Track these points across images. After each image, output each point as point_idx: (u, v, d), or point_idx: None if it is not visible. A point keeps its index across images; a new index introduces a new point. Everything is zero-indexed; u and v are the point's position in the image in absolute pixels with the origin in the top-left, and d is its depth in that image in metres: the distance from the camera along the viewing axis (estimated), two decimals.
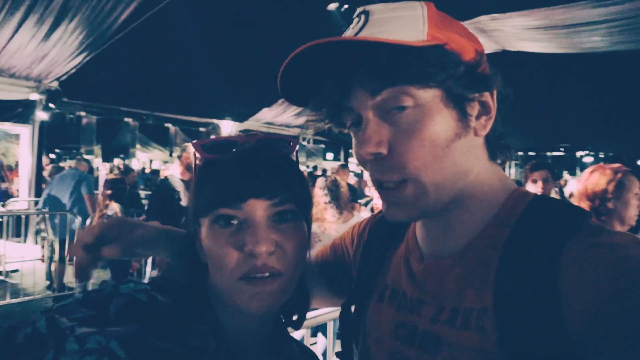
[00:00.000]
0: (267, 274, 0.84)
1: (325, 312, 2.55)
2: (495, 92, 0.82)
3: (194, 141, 0.94)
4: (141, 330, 0.77)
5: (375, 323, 0.93)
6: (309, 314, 1.07)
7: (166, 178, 5.13)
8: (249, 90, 10.93)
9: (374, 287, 0.98)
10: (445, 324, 0.78)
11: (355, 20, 0.81)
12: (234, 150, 0.92)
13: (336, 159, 20.99)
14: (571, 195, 9.86)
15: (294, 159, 0.99)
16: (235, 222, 0.87)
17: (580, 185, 2.80)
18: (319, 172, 13.96)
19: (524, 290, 0.70)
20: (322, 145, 18.63)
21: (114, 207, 6.34)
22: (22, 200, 8.85)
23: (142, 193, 10.77)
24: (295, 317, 1.04)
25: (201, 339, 0.84)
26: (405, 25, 0.76)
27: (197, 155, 0.94)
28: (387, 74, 0.75)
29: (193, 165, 0.97)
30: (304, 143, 17.23)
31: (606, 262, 0.64)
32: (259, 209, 0.86)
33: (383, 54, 0.74)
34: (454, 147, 0.78)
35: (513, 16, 7.26)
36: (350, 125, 0.85)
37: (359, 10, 0.83)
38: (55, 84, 8.78)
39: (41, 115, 8.85)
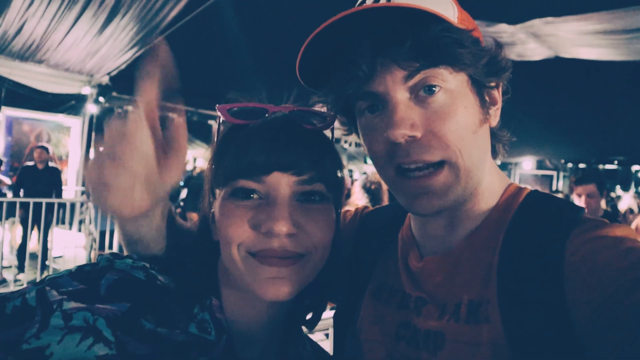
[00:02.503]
0: (285, 257, 0.75)
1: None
2: (501, 85, 0.84)
3: (219, 104, 0.85)
4: (133, 310, 0.70)
5: (372, 322, 0.89)
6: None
7: (204, 171, 5.22)
8: (292, 90, 10.95)
9: (367, 284, 0.94)
10: (450, 319, 0.77)
11: None
12: (264, 117, 0.83)
13: None
14: (630, 211, 9.31)
15: (330, 136, 0.91)
16: (255, 196, 0.78)
17: None
18: (357, 177, 13.82)
19: (527, 281, 0.70)
20: (363, 149, 18.46)
21: None
22: (70, 189, 9.22)
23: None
24: (309, 316, 0.96)
25: (200, 327, 0.77)
26: (439, 5, 0.74)
27: (222, 119, 0.86)
28: (430, 51, 0.71)
29: (216, 131, 0.88)
30: (346, 146, 17.14)
31: (613, 254, 0.65)
32: (283, 184, 0.77)
33: (430, 27, 0.70)
34: (479, 133, 0.78)
35: (569, 20, 6.89)
36: (365, 110, 0.81)
37: None
38: (106, 79, 9.11)
39: (91, 108, 9.21)
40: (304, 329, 1.00)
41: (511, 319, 0.69)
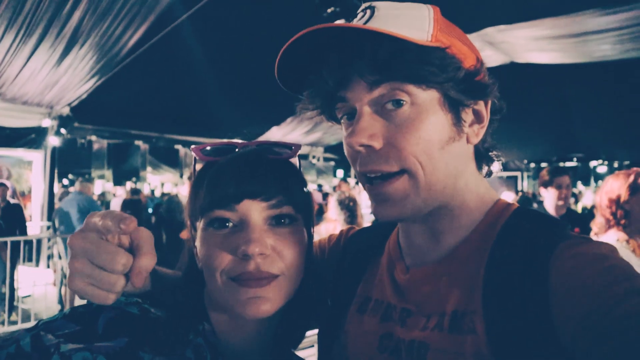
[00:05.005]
0: (262, 278, 0.81)
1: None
2: (489, 103, 0.84)
3: (194, 146, 0.93)
4: (131, 344, 0.73)
5: (356, 335, 0.91)
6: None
7: (176, 195, 5.17)
8: (257, 109, 11.00)
9: (352, 299, 0.96)
10: (434, 329, 0.78)
11: (360, 14, 0.82)
12: (234, 152, 0.91)
13: (347, 176, 20.94)
14: (593, 207, 9.65)
15: (297, 164, 0.97)
16: (229, 224, 0.84)
17: (598, 197, 2.78)
18: (327, 190, 13.89)
19: (512, 293, 0.71)
20: (332, 163, 18.61)
21: None
22: (35, 225, 8.91)
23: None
24: (294, 334, 0.98)
25: (196, 351, 0.81)
26: (411, 24, 0.78)
27: (197, 159, 0.94)
28: (386, 67, 0.75)
29: (192, 171, 0.96)
30: (314, 161, 17.22)
31: (597, 270, 0.67)
32: (254, 210, 0.84)
33: (386, 46, 0.74)
34: (447, 150, 0.80)
35: (520, 27, 7.21)
36: (341, 116, 0.86)
37: (364, 5, 0.83)
38: (66, 110, 8.90)
39: (53, 141, 8.96)
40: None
41: (496, 330, 0.70)
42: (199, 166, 0.95)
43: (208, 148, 0.91)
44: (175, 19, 7.10)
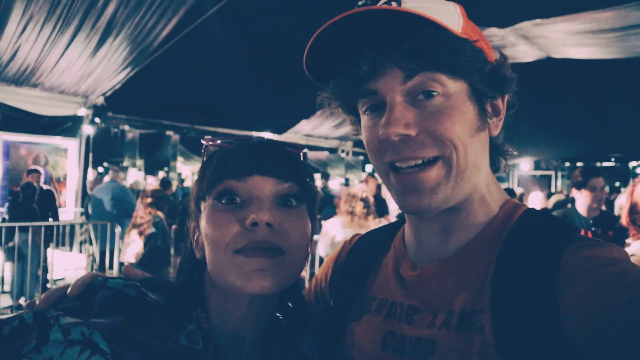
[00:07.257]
0: (268, 248, 0.81)
1: None
2: (506, 98, 0.86)
3: (206, 137, 0.96)
4: (126, 323, 0.75)
5: (360, 334, 0.90)
6: None
7: None
8: (287, 102, 11.02)
9: (355, 301, 0.96)
10: (442, 327, 0.77)
11: (385, 5, 0.79)
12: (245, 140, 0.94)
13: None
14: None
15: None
16: (238, 200, 0.85)
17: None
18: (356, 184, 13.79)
19: (521, 293, 0.71)
20: (361, 157, 18.50)
21: (160, 215, 6.48)
22: (69, 211, 9.19)
23: None
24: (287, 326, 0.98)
25: (189, 337, 0.82)
26: (443, 14, 0.77)
27: (209, 148, 0.96)
28: (425, 55, 0.75)
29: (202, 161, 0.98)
30: (343, 155, 17.17)
31: (609, 273, 0.66)
32: (263, 186, 0.85)
33: (428, 32, 0.74)
34: (476, 139, 0.80)
35: (557, 21, 6.98)
36: (365, 109, 0.84)
37: None
38: (101, 100, 9.13)
39: (87, 129, 9.22)
40: None
41: (503, 330, 0.70)
42: None
43: (219, 141, 0.94)
44: (206, 10, 7.16)
